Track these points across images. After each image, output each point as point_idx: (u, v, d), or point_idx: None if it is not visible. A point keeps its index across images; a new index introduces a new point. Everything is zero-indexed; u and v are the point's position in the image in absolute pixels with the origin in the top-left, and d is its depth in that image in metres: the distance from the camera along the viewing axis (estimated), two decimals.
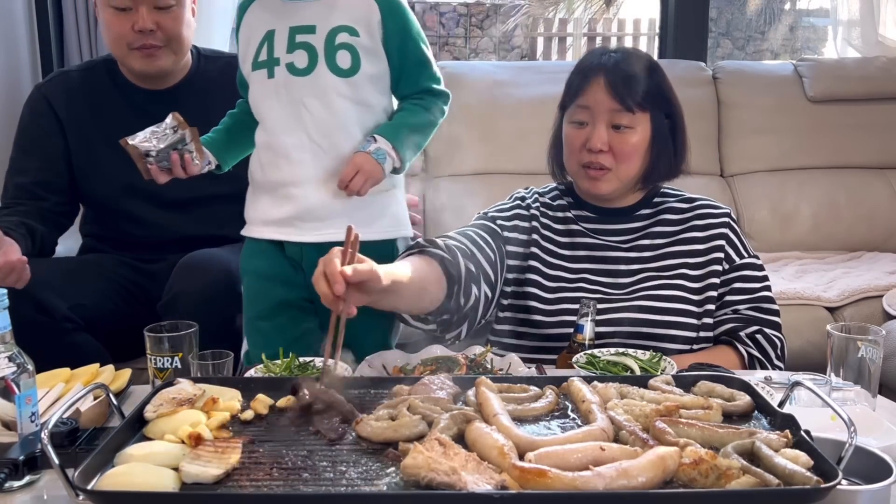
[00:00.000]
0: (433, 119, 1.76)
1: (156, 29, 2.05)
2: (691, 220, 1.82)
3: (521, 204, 1.88)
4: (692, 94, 3.32)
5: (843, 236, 3.30)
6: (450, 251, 1.62)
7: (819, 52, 9.20)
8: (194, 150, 1.72)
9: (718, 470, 0.96)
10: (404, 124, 1.71)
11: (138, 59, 2.10)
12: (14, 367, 1.17)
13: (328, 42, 1.66)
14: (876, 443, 1.13)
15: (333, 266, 1.26)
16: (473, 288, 1.65)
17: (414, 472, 0.96)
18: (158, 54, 2.09)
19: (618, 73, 1.73)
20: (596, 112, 1.73)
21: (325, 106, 1.68)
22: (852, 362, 1.37)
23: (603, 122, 1.73)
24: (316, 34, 1.67)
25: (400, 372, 1.52)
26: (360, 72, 1.68)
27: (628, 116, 1.72)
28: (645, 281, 1.76)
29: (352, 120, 1.69)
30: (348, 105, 1.69)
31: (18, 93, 3.22)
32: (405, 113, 1.74)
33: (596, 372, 1.46)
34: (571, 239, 1.82)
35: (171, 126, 1.72)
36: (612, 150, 1.73)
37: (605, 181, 1.76)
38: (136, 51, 2.08)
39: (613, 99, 1.71)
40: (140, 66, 2.11)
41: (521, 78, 3.35)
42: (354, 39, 1.67)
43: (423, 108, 1.74)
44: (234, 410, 1.18)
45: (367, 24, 1.67)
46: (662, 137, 1.77)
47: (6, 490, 1.11)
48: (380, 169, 1.66)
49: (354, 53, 1.67)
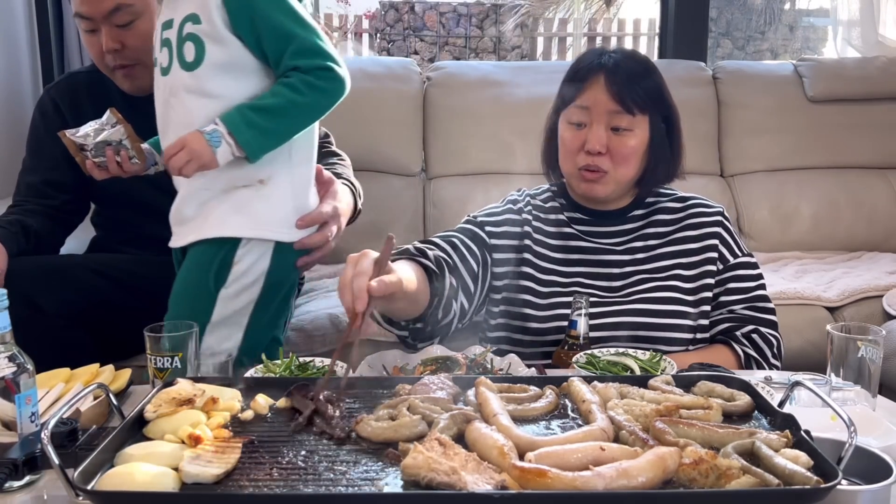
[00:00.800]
0: (300, 100, 1.57)
1: (121, 48, 1.97)
2: (684, 219, 1.81)
3: (512, 208, 1.86)
4: (692, 94, 3.33)
5: (843, 236, 3.31)
6: (437, 265, 1.61)
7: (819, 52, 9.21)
8: (130, 147, 1.65)
9: (718, 470, 0.96)
10: (251, 107, 1.57)
11: (121, 80, 2.05)
12: (14, 367, 1.17)
13: (179, 35, 1.59)
14: (876, 443, 1.13)
15: (362, 282, 1.24)
16: (454, 303, 1.65)
17: (414, 472, 0.96)
18: (136, 73, 2.02)
19: (618, 73, 1.71)
20: (595, 113, 1.71)
21: (179, 104, 1.61)
22: (852, 362, 1.37)
23: (602, 123, 1.71)
24: (172, 28, 1.60)
25: (400, 372, 1.52)
26: (203, 62, 1.57)
27: (628, 118, 1.70)
28: (639, 283, 1.76)
29: (199, 116, 1.58)
30: (194, 100, 1.59)
31: (19, 93, 3.23)
32: (264, 96, 1.59)
33: (596, 372, 1.46)
34: (564, 242, 1.81)
35: (110, 122, 1.66)
36: (609, 153, 1.72)
37: (602, 184, 1.74)
38: (118, 70, 2.03)
39: (613, 100, 1.70)
40: (125, 88, 2.07)
41: (521, 78, 3.35)
42: (197, 28, 1.56)
43: (286, 88, 1.57)
44: (234, 410, 1.18)
45: (206, 9, 1.56)
46: (660, 141, 1.76)
47: (6, 490, 1.11)
48: (209, 151, 1.53)
49: (199, 43, 1.56)
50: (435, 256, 1.62)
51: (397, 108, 3.26)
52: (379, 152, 3.20)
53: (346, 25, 9.79)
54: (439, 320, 1.62)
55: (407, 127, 3.26)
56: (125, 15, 1.94)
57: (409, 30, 9.83)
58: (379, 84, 3.26)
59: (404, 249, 1.63)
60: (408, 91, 3.29)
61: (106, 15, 1.94)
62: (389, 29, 9.87)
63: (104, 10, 1.94)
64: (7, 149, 3.15)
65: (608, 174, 1.73)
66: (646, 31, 9.68)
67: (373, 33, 9.86)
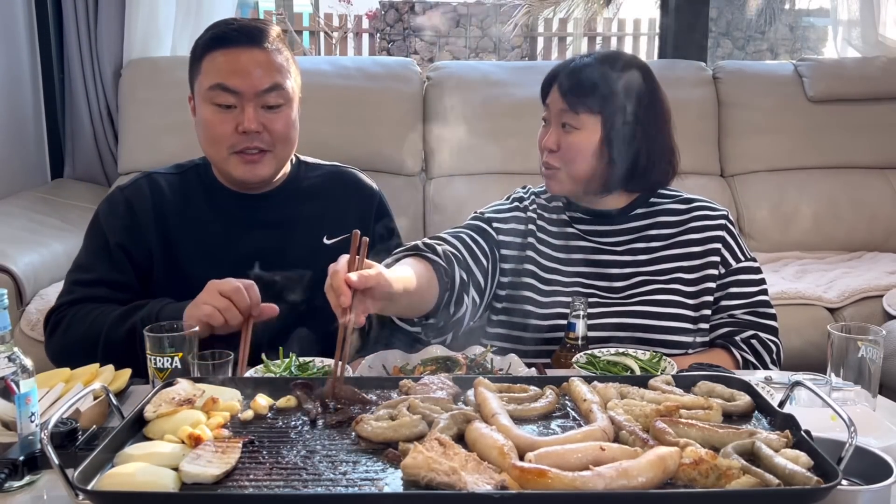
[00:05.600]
0: None
1: (262, 131, 1.75)
2: (688, 222, 1.81)
3: (518, 206, 1.87)
4: (692, 94, 3.34)
5: (844, 236, 3.31)
6: (446, 259, 1.61)
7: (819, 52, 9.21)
8: None
9: (718, 470, 0.96)
10: None
11: (238, 166, 1.77)
12: (14, 367, 1.16)
13: None
14: (876, 443, 1.13)
15: (339, 277, 1.24)
16: (465, 298, 1.65)
17: (414, 472, 0.96)
18: (261, 160, 1.78)
19: (571, 75, 1.75)
20: (552, 112, 1.77)
21: None
22: (852, 362, 1.37)
23: (556, 122, 1.75)
24: None
25: (400, 372, 1.52)
26: None
27: (574, 117, 1.73)
28: (640, 285, 1.76)
29: None
30: None
31: (19, 93, 3.23)
32: None
33: (596, 372, 1.46)
34: (567, 242, 1.82)
35: None
36: (560, 150, 1.75)
37: (556, 180, 1.77)
38: (238, 155, 1.76)
39: (562, 99, 1.74)
40: (240, 174, 1.78)
41: (521, 78, 3.35)
42: None
43: None
44: (234, 410, 1.18)
45: None
46: (618, 140, 1.73)
47: (6, 490, 1.11)
48: None
49: None
50: (444, 251, 1.63)
51: (397, 108, 3.26)
52: (379, 152, 3.21)
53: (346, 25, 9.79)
54: (451, 315, 1.63)
55: (407, 127, 3.26)
56: (277, 97, 1.75)
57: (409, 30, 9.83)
58: (379, 84, 3.26)
59: (413, 245, 1.63)
60: (408, 91, 3.29)
61: (259, 93, 1.73)
62: (389, 29, 9.87)
63: (259, 88, 1.73)
64: (7, 149, 3.16)
65: (560, 170, 1.76)
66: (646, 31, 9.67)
67: (373, 33, 9.86)
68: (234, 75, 1.72)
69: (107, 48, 3.24)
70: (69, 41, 3.26)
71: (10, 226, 2.77)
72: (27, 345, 2.37)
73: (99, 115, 3.30)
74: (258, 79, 1.73)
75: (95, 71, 3.27)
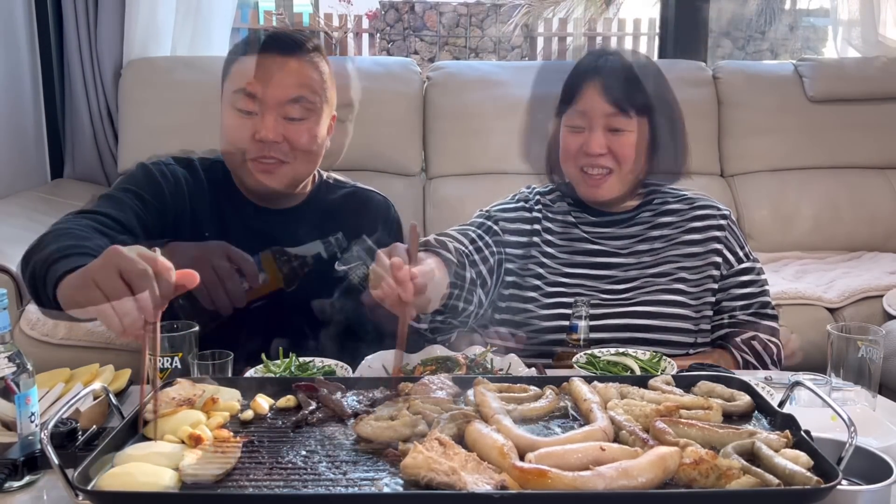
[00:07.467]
0: None
1: (281, 141, 1.69)
2: (689, 221, 1.81)
3: (524, 206, 1.86)
4: (692, 94, 3.33)
5: (844, 236, 3.30)
6: (458, 256, 1.61)
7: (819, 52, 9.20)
8: None
9: (718, 470, 0.96)
10: None
11: (252, 174, 1.73)
12: (14, 367, 1.17)
13: None
14: (876, 443, 1.13)
15: (405, 272, 1.24)
16: (473, 295, 1.65)
17: (414, 472, 0.96)
18: (276, 171, 1.72)
19: (613, 76, 1.72)
20: (592, 117, 1.72)
21: None
22: (852, 362, 1.37)
23: (599, 126, 1.72)
24: None
25: (400, 372, 1.52)
26: None
27: (624, 120, 1.71)
28: (643, 287, 1.76)
29: None
30: None
31: (19, 93, 3.23)
32: None
33: (596, 372, 1.46)
34: (571, 243, 1.81)
35: None
36: (611, 153, 1.72)
37: (607, 185, 1.74)
38: (253, 162, 1.71)
39: (609, 103, 1.70)
40: (252, 183, 1.74)
41: (521, 78, 3.35)
42: None
43: None
44: (234, 410, 1.18)
45: None
46: (662, 138, 1.76)
47: (6, 490, 1.11)
48: None
49: None
50: (455, 248, 1.63)
51: (397, 108, 3.25)
52: (379, 152, 3.20)
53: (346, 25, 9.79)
54: (460, 312, 1.63)
55: (407, 127, 3.26)
56: (301, 109, 1.70)
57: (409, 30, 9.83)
58: (379, 84, 3.25)
59: (424, 241, 1.63)
60: (408, 91, 3.29)
61: (282, 102, 1.69)
62: (389, 29, 9.87)
63: (282, 98, 1.69)
64: (7, 149, 3.16)
65: (613, 173, 1.73)
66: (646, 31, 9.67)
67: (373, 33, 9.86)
68: (257, 81, 1.68)
69: (107, 48, 3.24)
70: (69, 41, 3.26)
71: (10, 226, 2.76)
72: (27, 345, 2.37)
73: (99, 115, 3.29)
74: (281, 88, 1.68)
75: (95, 71, 3.27)
